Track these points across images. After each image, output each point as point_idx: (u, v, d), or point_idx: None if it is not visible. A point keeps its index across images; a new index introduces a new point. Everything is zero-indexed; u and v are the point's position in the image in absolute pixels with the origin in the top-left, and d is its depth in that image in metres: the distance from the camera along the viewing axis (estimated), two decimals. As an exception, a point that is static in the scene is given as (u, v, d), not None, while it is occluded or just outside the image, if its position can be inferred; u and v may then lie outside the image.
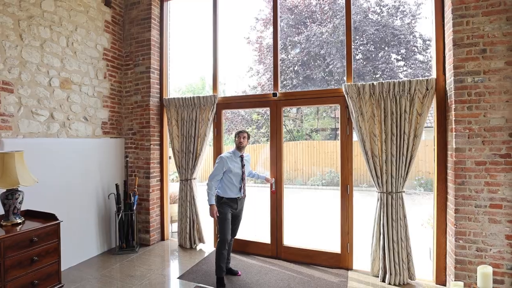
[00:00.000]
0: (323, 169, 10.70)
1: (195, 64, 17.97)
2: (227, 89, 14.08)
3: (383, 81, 3.13)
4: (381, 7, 9.43)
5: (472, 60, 2.71)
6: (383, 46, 9.57)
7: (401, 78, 9.44)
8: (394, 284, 3.02)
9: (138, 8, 4.26)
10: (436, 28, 3.06)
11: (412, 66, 9.32)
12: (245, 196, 3.23)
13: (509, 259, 2.61)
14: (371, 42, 9.43)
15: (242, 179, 3.15)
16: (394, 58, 9.66)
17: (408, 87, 3.04)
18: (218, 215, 3.02)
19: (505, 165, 2.62)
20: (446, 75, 2.97)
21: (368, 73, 9.41)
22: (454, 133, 2.77)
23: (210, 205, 3.01)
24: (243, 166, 3.17)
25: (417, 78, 3.05)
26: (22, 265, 2.43)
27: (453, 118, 2.78)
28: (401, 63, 9.77)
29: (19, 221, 2.61)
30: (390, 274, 3.04)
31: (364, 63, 9.42)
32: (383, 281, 3.09)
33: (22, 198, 2.65)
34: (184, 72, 17.96)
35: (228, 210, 3.07)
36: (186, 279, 3.16)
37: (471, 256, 2.71)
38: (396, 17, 9.33)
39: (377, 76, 10.01)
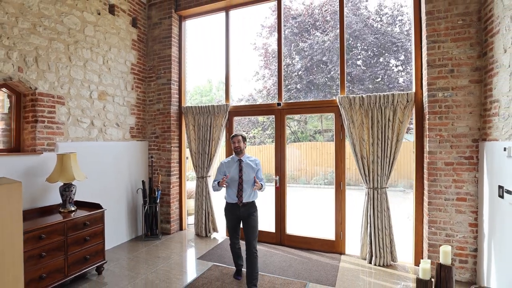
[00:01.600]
0: (325, 169, 11.24)
1: (202, 67, 18.61)
2: (234, 92, 14.71)
3: (371, 94, 3.69)
4: (381, 16, 9.97)
5: (443, 78, 3.27)
6: (383, 52, 10.09)
7: (399, 83, 9.94)
8: (379, 265, 3.59)
9: (160, 28, 4.89)
10: (415, 50, 3.62)
11: (410, 71, 9.82)
12: (242, 202, 3.04)
13: (471, 243, 3.17)
14: (371, 49, 9.97)
15: (239, 183, 3.05)
16: (393, 64, 10.18)
17: (391, 99, 3.60)
18: (226, 179, 3.01)
19: (469, 165, 3.18)
20: (423, 90, 3.53)
21: (367, 79, 9.95)
22: (427, 138, 3.34)
23: (219, 185, 3.03)
24: (240, 170, 3.08)
25: (399, 92, 3.61)
26: (78, 243, 3.08)
27: (427, 126, 3.35)
28: (400, 68, 10.28)
29: (73, 208, 3.26)
30: (376, 257, 3.61)
31: (364, 69, 9.97)
32: (370, 263, 3.66)
33: (75, 190, 3.30)
34: (192, 75, 18.62)
35: (229, 217, 3.14)
36: (204, 259, 3.78)
37: (441, 240, 3.27)
38: (395, 25, 9.86)
39: (377, 80, 10.53)
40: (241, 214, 3.07)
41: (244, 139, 3.20)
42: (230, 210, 3.12)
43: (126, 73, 4.57)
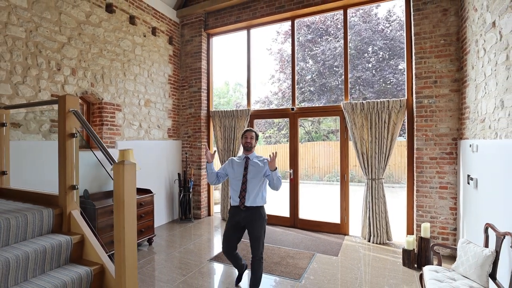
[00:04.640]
0: (338, 167, 11.88)
1: (219, 69, 19.58)
2: (251, 95, 15.56)
3: (369, 100, 4.42)
4: (390, 22, 10.53)
5: (428, 88, 3.96)
6: (392, 56, 10.65)
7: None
8: (377, 243, 4.31)
9: (192, 44, 5.78)
10: (407, 64, 4.32)
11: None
12: (245, 205, 2.67)
13: (451, 223, 3.85)
14: (381, 53, 10.56)
15: (243, 183, 2.70)
16: (403, 68, 10.72)
17: (387, 105, 4.31)
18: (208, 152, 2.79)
19: (449, 159, 3.86)
20: (413, 97, 4.22)
21: (377, 82, 10.54)
22: (416, 137, 4.04)
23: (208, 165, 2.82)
24: (245, 168, 2.74)
25: (394, 99, 4.32)
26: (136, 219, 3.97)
27: (415, 127, 4.04)
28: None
29: (131, 193, 4.17)
30: (374, 236, 4.34)
31: (374, 73, 10.57)
32: (369, 241, 4.38)
33: (132, 178, 4.21)
34: (211, 78, 19.54)
35: (229, 223, 2.79)
36: (231, 237, 4.62)
37: (427, 222, 3.95)
38: (403, 31, 10.40)
39: (387, 82, 11.10)
40: (242, 220, 2.70)
41: (257, 136, 2.90)
42: (232, 214, 2.78)
43: (165, 83, 5.48)
